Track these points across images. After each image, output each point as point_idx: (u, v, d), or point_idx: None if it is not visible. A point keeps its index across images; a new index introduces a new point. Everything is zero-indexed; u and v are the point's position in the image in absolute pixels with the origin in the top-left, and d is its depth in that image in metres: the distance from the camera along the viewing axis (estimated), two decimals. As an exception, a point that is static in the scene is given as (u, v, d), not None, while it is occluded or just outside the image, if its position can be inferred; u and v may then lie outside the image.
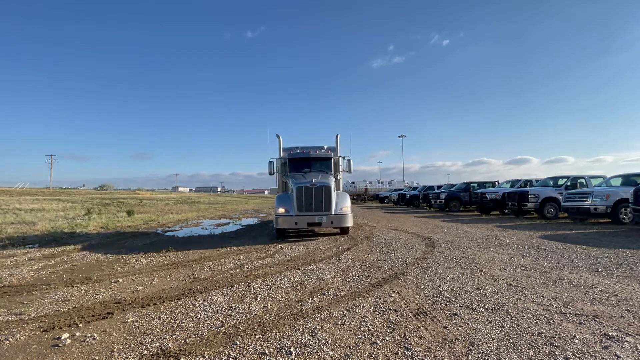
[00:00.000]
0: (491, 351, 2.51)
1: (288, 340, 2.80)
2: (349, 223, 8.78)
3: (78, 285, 4.72)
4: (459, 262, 5.66)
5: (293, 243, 8.21)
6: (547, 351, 2.49)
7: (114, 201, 29.83)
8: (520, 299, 3.69)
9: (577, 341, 2.64)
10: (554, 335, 2.76)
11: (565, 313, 3.25)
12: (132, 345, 2.78)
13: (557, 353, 2.46)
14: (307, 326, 3.08)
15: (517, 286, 4.19)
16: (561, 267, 5.16)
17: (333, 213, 8.59)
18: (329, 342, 2.74)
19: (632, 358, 2.37)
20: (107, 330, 3.11)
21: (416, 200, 27.23)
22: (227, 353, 2.59)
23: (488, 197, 16.99)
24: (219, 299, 3.94)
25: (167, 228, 12.96)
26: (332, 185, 8.94)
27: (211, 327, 3.11)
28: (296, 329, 3.01)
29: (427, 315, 3.28)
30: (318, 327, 3.04)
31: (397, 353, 2.54)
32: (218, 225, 14.23)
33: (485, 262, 5.64)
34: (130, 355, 2.61)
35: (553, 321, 3.05)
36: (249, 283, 4.62)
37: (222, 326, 3.13)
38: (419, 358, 2.44)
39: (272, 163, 10.66)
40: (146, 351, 2.66)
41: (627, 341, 2.62)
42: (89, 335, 2.98)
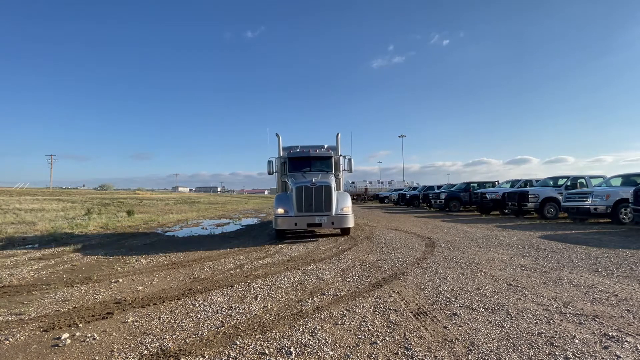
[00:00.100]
0: (491, 351, 2.51)
1: (288, 340, 2.80)
2: (350, 224, 8.64)
3: (78, 285, 4.73)
4: (459, 262, 5.66)
5: (293, 243, 8.21)
6: (547, 351, 2.49)
7: (114, 201, 29.84)
8: (520, 299, 3.69)
9: (577, 341, 2.64)
10: (554, 335, 2.76)
11: (565, 313, 3.25)
12: (132, 345, 2.78)
13: (557, 353, 2.46)
14: (307, 326, 3.07)
15: (517, 286, 4.19)
16: (561, 267, 5.16)
17: (334, 213, 8.45)
18: (329, 342, 2.74)
19: (632, 358, 2.37)
20: (107, 330, 3.11)
21: (416, 200, 27.24)
22: (227, 353, 2.59)
23: (488, 197, 16.99)
24: (219, 299, 3.94)
25: (167, 228, 12.97)
26: (333, 184, 8.82)
27: (211, 327, 3.11)
28: (296, 329, 3.01)
29: (427, 315, 3.28)
30: (318, 327, 3.04)
31: (397, 353, 2.54)
32: (218, 225, 14.24)
33: (485, 262, 5.64)
34: (130, 355, 2.61)
35: (553, 321, 3.05)
36: (249, 283, 4.62)
37: (222, 326, 3.13)
38: (419, 358, 2.45)
39: (272, 162, 10.49)
40: (146, 351, 2.66)
41: (627, 341, 2.62)
42: (89, 335, 2.98)
